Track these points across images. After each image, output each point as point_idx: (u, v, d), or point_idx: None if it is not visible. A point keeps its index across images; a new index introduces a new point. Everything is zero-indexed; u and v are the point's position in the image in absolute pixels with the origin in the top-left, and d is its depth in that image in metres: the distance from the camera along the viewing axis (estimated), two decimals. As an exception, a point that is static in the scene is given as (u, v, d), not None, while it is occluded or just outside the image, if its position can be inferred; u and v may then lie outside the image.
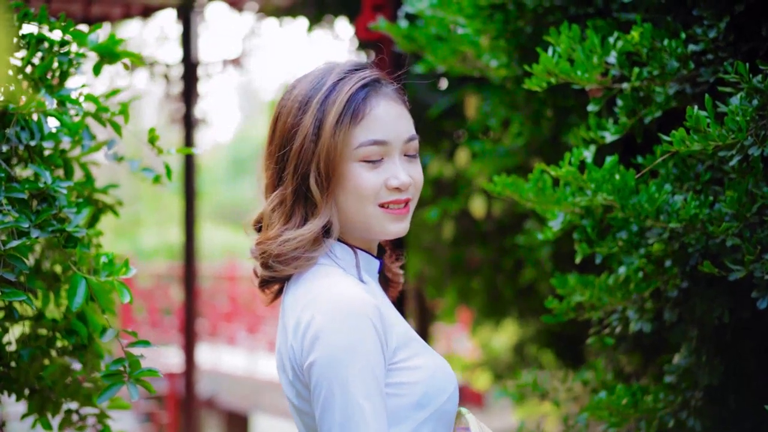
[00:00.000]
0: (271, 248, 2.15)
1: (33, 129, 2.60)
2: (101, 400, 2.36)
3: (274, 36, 12.11)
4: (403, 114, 2.21)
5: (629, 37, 2.66)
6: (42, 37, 2.81)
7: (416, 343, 2.16)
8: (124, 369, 2.39)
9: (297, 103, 2.18)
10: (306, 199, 2.16)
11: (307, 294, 2.12)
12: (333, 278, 2.12)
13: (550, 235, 2.86)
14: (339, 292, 2.07)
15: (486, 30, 3.33)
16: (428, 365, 2.13)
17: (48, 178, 2.48)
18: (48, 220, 2.42)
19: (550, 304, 2.88)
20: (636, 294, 2.84)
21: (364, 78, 2.18)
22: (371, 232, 2.19)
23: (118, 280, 2.38)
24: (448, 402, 2.14)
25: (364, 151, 2.13)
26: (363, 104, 2.15)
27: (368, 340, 2.02)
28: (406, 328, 2.18)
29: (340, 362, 2.01)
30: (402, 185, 2.16)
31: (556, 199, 2.71)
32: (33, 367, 2.87)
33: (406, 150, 2.20)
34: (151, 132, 2.82)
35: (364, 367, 2.01)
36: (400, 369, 2.09)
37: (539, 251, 4.47)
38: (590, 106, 2.79)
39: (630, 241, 2.75)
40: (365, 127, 2.14)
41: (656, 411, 2.87)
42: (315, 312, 2.06)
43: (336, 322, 2.02)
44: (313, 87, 2.18)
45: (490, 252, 5.78)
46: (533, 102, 3.69)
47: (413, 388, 2.09)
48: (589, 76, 2.67)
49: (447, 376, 2.15)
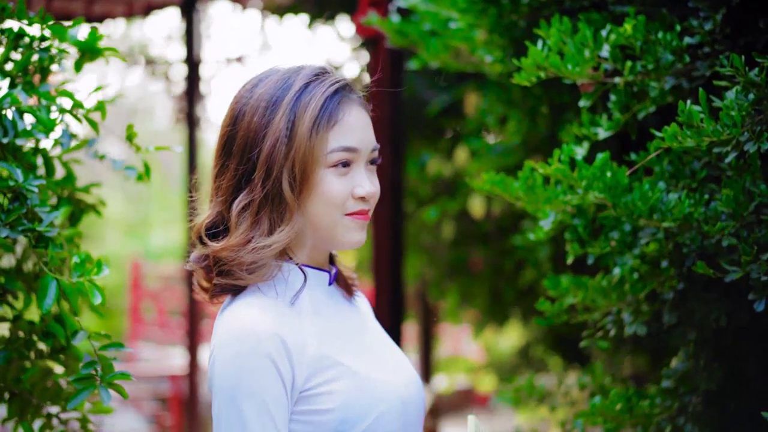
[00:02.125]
0: (240, 255, 2.07)
1: (6, 126, 2.53)
2: (72, 404, 2.29)
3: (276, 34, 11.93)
4: (368, 122, 2.15)
5: (622, 30, 2.57)
6: (22, 32, 2.75)
7: (338, 366, 2.07)
8: (96, 372, 2.32)
9: (264, 103, 2.09)
10: (275, 204, 2.08)
11: (220, 316, 2.10)
12: (239, 307, 2.06)
13: (542, 234, 2.77)
14: (235, 327, 2.02)
15: (479, 24, 3.24)
16: (346, 389, 2.05)
17: (19, 176, 2.40)
18: (19, 219, 2.34)
19: (542, 306, 2.80)
20: (631, 296, 2.76)
21: (337, 82, 2.11)
22: (335, 242, 2.14)
23: (89, 280, 2.31)
24: (378, 423, 2.07)
25: (336, 156, 2.07)
26: (337, 109, 2.08)
27: (259, 377, 1.98)
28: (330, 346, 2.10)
29: (231, 401, 1.98)
30: (368, 194, 2.10)
31: (546, 197, 2.62)
32: (11, 370, 2.80)
33: (370, 159, 2.14)
34: (129, 129, 2.75)
35: (256, 404, 1.97)
36: (313, 396, 2.03)
37: (538, 252, 4.38)
38: (582, 102, 2.70)
39: (623, 241, 2.67)
40: (338, 132, 2.07)
41: (653, 416, 2.78)
42: (214, 347, 2.05)
43: (226, 362, 2.00)
44: (281, 87, 2.09)
45: (490, 253, 5.70)
46: (529, 98, 3.60)
47: (329, 414, 2.03)
48: (580, 70, 2.58)
49: (374, 397, 2.07)
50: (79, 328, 2.44)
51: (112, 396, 2.43)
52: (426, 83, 5.54)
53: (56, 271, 2.40)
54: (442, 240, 6.00)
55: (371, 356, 2.15)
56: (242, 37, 9.49)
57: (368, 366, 2.11)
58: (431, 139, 5.76)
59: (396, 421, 2.09)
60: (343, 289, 2.28)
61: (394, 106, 5.01)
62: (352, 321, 2.22)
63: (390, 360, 2.20)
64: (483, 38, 3.32)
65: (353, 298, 2.31)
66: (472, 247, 5.87)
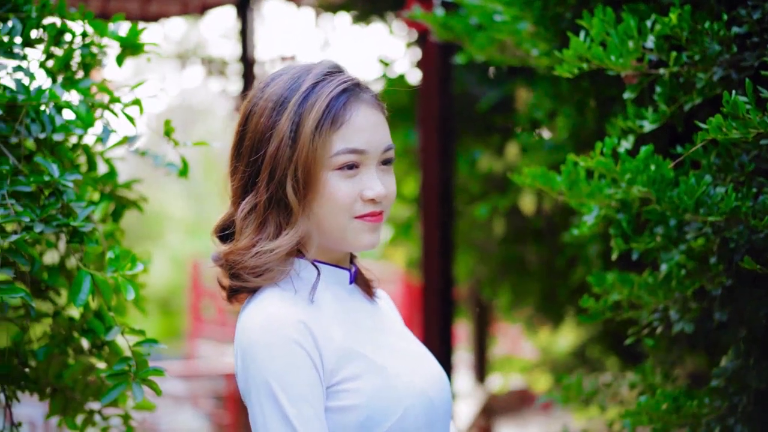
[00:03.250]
0: (245, 259, 2.05)
1: (44, 121, 2.53)
2: (105, 400, 2.28)
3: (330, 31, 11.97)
4: (381, 122, 2.09)
5: (667, 20, 2.50)
6: (64, 28, 2.76)
7: (363, 360, 2.04)
8: (129, 368, 2.30)
9: (271, 103, 2.05)
10: (280, 208, 2.05)
11: (241, 314, 2.06)
12: (260, 302, 2.03)
13: (586, 230, 2.71)
14: (259, 318, 1.99)
15: (525, 17, 3.19)
16: (371, 385, 2.01)
17: (55, 171, 2.40)
18: (54, 214, 2.34)
19: (586, 303, 2.73)
20: (678, 292, 2.68)
21: (344, 82, 2.05)
22: (345, 244, 2.09)
23: (123, 276, 2.29)
24: (404, 420, 2.03)
25: (341, 159, 2.02)
26: (343, 110, 2.02)
27: (290, 363, 1.95)
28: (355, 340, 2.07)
29: (265, 393, 1.95)
30: (377, 196, 2.05)
31: (589, 191, 2.56)
32: (52, 366, 2.81)
33: (382, 159, 2.08)
34: (167, 124, 2.74)
35: (291, 392, 1.94)
36: (338, 392, 2.00)
37: (587, 248, 4.30)
38: (626, 94, 2.63)
39: (668, 236, 2.60)
40: (343, 134, 2.02)
41: (701, 416, 2.71)
42: (239, 343, 2.01)
43: (255, 355, 1.96)
44: (289, 87, 2.05)
45: (542, 250, 5.63)
46: (577, 92, 3.53)
47: (353, 411, 2.00)
48: (624, 61, 2.52)
49: (400, 393, 2.04)
50: (113, 323, 2.42)
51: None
52: (476, 79, 5.49)
53: (94, 267, 2.39)
54: (493, 237, 5.94)
55: (396, 354, 2.12)
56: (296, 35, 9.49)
57: (393, 362, 2.08)
58: (482, 135, 5.70)
59: (422, 418, 2.05)
60: (364, 290, 2.25)
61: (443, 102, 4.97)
62: (375, 319, 2.19)
63: (415, 358, 2.16)
64: (529, 31, 3.26)
65: (375, 299, 2.28)
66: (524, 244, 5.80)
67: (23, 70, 2.60)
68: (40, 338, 2.90)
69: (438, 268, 5.03)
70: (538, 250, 5.69)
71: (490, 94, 5.38)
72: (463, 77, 5.61)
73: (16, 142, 2.50)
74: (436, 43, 4.84)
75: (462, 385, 8.15)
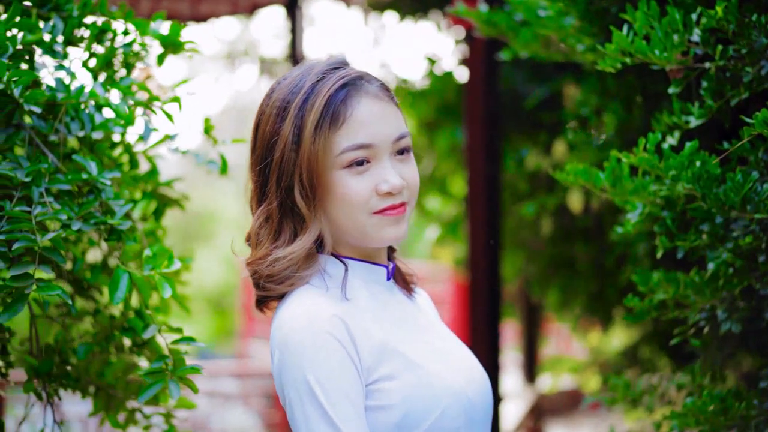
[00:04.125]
0: (261, 269, 2.03)
1: (84, 119, 2.53)
2: (142, 398, 2.28)
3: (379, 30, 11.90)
4: (389, 112, 2.04)
5: (713, 13, 2.44)
6: (105, 27, 2.76)
7: (400, 358, 2.00)
8: (166, 366, 2.30)
9: (276, 109, 2.03)
10: (293, 214, 2.03)
11: (276, 318, 2.03)
12: (295, 299, 2.01)
13: (630, 228, 2.66)
14: (296, 315, 1.96)
15: (569, 12, 3.14)
16: (409, 383, 1.98)
17: (93, 169, 2.40)
18: (92, 212, 2.34)
19: (630, 302, 2.68)
20: (726, 291, 2.62)
21: (343, 77, 2.01)
22: (368, 241, 2.05)
23: (160, 273, 2.29)
24: (442, 420, 1.99)
25: (348, 156, 1.98)
26: (343, 106, 1.98)
27: (329, 358, 1.91)
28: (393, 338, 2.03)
29: (305, 391, 1.91)
30: (393, 189, 2.00)
31: (633, 188, 2.51)
32: (93, 364, 2.82)
33: (395, 149, 2.03)
34: (206, 122, 2.73)
35: (331, 389, 1.90)
36: (375, 391, 1.96)
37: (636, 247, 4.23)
38: (671, 89, 2.57)
39: (714, 234, 2.53)
40: (347, 131, 1.98)
41: (749, 419, 2.64)
42: (276, 341, 1.98)
43: (292, 354, 1.93)
44: (291, 91, 2.02)
45: (590, 249, 5.56)
46: (623, 88, 3.48)
47: (390, 410, 1.96)
48: (668, 55, 2.46)
49: (435, 394, 1.99)
50: (151, 321, 2.42)
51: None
52: (524, 75, 5.44)
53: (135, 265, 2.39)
54: (541, 236, 5.88)
55: (434, 352, 2.08)
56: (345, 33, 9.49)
57: (431, 361, 2.04)
58: (529, 132, 5.64)
59: (460, 419, 2.01)
60: (402, 287, 2.22)
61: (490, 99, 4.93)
62: (413, 317, 2.15)
63: (455, 357, 2.12)
64: (574, 26, 3.21)
65: (413, 296, 2.25)
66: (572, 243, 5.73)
67: (65, 69, 2.61)
68: (83, 336, 2.91)
69: (485, 267, 4.99)
70: (586, 249, 5.62)
71: (537, 90, 5.32)
72: (511, 74, 5.56)
73: (56, 140, 2.51)
74: (483, 40, 4.79)
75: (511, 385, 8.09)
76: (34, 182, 2.30)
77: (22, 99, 2.35)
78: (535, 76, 5.43)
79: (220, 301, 17.06)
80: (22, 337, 2.87)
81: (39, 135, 2.49)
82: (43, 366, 2.72)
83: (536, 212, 5.55)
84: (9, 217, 2.21)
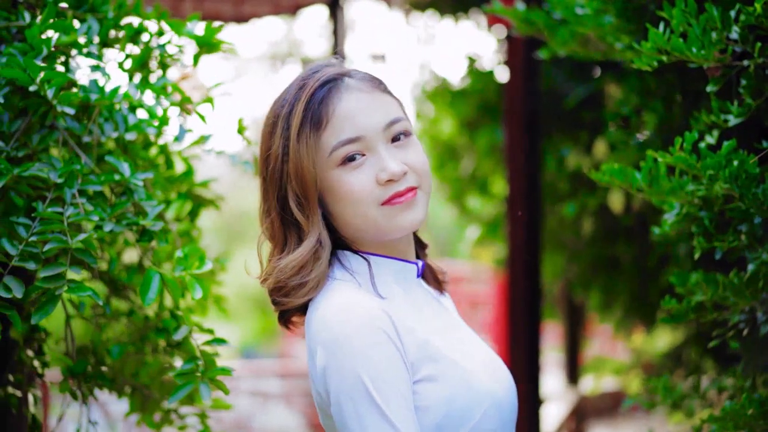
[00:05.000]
0: (267, 283, 2.02)
1: (117, 120, 2.54)
2: (172, 399, 2.27)
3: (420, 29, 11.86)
4: (373, 101, 2.01)
5: (751, 9, 2.40)
6: (141, 28, 2.77)
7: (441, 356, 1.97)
8: (197, 368, 2.29)
9: (268, 127, 2.04)
10: (294, 223, 2.01)
11: (313, 314, 1.97)
12: (335, 295, 1.96)
13: (667, 228, 2.62)
14: (340, 311, 1.91)
15: (607, 10, 3.10)
16: (449, 386, 1.94)
17: (125, 170, 2.40)
18: (124, 213, 2.34)
19: (668, 304, 2.64)
20: (765, 293, 2.57)
21: (321, 78, 2.01)
22: (384, 233, 2.02)
23: (191, 274, 2.28)
24: (483, 421, 1.96)
25: (339, 153, 1.97)
26: (323, 106, 1.97)
27: (380, 354, 1.87)
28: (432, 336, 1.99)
29: (357, 390, 1.85)
30: (393, 176, 1.97)
31: (670, 188, 2.47)
32: (127, 364, 2.82)
33: (390, 136, 2.00)
34: (239, 122, 2.73)
35: (385, 386, 1.85)
36: (417, 392, 1.92)
37: (677, 248, 4.17)
38: (709, 87, 2.53)
39: (753, 235, 2.49)
40: (332, 129, 1.97)
41: (791, 423, 2.59)
42: (320, 339, 1.92)
43: (340, 346, 1.87)
44: (279, 105, 2.04)
45: (632, 249, 5.49)
46: (663, 87, 3.43)
47: (430, 413, 1.92)
48: (706, 53, 2.42)
49: (476, 395, 1.96)
50: (183, 322, 2.42)
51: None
52: (564, 74, 5.38)
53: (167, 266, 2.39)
54: (582, 236, 5.82)
55: (468, 353, 2.05)
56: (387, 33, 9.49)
57: (468, 362, 2.02)
58: (570, 132, 5.59)
59: (495, 420, 1.99)
60: (433, 285, 2.20)
61: (530, 98, 4.89)
62: (444, 316, 2.13)
63: (484, 358, 2.10)
64: (612, 24, 3.17)
65: (442, 294, 2.22)
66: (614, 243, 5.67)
67: (100, 70, 2.62)
68: (119, 337, 2.92)
69: (524, 267, 4.95)
70: (628, 250, 5.56)
71: (578, 89, 5.27)
72: (551, 73, 5.51)
73: (90, 141, 2.52)
74: (522, 38, 4.75)
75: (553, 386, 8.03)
76: (67, 183, 2.31)
77: (56, 100, 2.35)
78: (575, 75, 5.38)
79: (264, 301, 17.11)
80: (58, 338, 2.88)
81: (73, 136, 2.50)
82: (78, 366, 2.73)
83: (577, 212, 5.50)
84: (42, 219, 2.22)
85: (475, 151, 6.60)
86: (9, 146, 2.36)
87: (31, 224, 2.21)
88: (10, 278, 2.08)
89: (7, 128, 2.38)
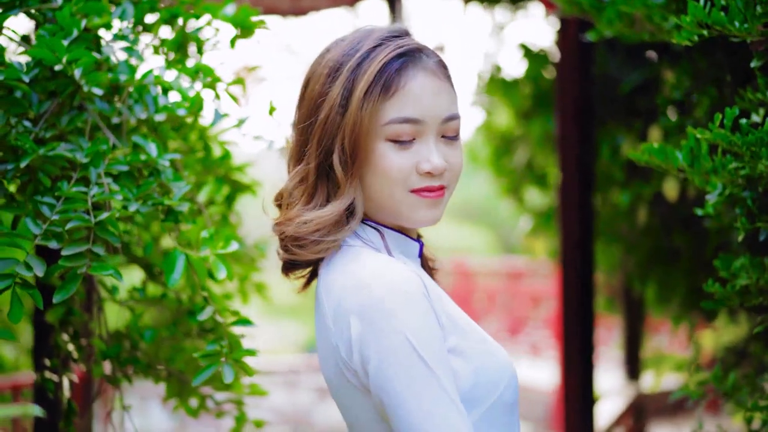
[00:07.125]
0: (288, 230, 1.95)
1: (147, 102, 2.52)
2: (196, 381, 2.24)
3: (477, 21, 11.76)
4: (443, 90, 1.95)
5: (796, -20, 2.30)
6: (177, 12, 2.75)
7: (465, 326, 1.92)
8: (222, 348, 2.26)
9: (328, 69, 1.96)
10: (329, 177, 1.95)
11: (338, 280, 1.90)
12: (365, 259, 1.89)
13: (710, 209, 2.53)
14: (376, 273, 1.84)
15: (653, -12, 3.00)
16: (478, 356, 1.88)
17: (152, 151, 2.38)
18: (150, 193, 2.32)
19: (710, 289, 2.55)
20: (814, 278, 2.47)
21: (402, 46, 1.93)
22: (400, 219, 1.97)
23: (216, 254, 2.25)
24: (506, 393, 1.91)
25: (394, 129, 1.90)
26: (396, 76, 1.90)
27: (423, 314, 1.80)
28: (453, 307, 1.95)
29: (402, 350, 1.77)
30: (434, 170, 1.92)
31: (711, 167, 2.38)
32: (162, 349, 2.81)
33: (443, 131, 1.96)
34: (270, 105, 2.70)
35: (432, 349, 1.78)
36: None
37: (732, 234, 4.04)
38: (753, 63, 2.43)
39: (798, 215, 2.39)
40: (397, 102, 1.90)
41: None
42: (355, 303, 1.83)
43: (383, 311, 1.79)
44: (347, 53, 1.95)
45: (688, 239, 5.34)
46: (713, 68, 3.32)
47: (461, 382, 1.85)
48: (749, 26, 2.33)
49: (500, 367, 1.91)
50: (206, 303, 2.39)
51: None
52: (619, 60, 5.27)
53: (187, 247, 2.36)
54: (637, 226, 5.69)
55: (478, 328, 2.01)
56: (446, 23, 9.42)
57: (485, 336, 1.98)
58: (625, 119, 5.46)
59: (514, 393, 1.95)
60: (426, 270, 2.15)
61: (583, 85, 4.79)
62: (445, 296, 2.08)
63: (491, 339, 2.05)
64: (659, 3, 3.08)
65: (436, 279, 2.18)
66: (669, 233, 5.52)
67: (134, 52, 2.60)
68: (156, 321, 2.91)
69: (577, 258, 4.85)
70: (684, 240, 5.41)
71: (632, 75, 5.14)
72: (605, 59, 5.40)
73: (118, 122, 2.50)
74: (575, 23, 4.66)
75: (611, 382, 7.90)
76: (93, 163, 2.29)
77: (84, 80, 2.34)
78: (630, 61, 5.25)
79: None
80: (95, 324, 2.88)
81: (103, 118, 2.48)
82: (111, 351, 2.73)
83: (631, 201, 5.38)
84: (66, 198, 2.21)
85: (529, 143, 6.52)
86: (38, 127, 2.36)
87: (56, 204, 2.20)
88: (31, 257, 2.06)
89: (36, 109, 2.37)
